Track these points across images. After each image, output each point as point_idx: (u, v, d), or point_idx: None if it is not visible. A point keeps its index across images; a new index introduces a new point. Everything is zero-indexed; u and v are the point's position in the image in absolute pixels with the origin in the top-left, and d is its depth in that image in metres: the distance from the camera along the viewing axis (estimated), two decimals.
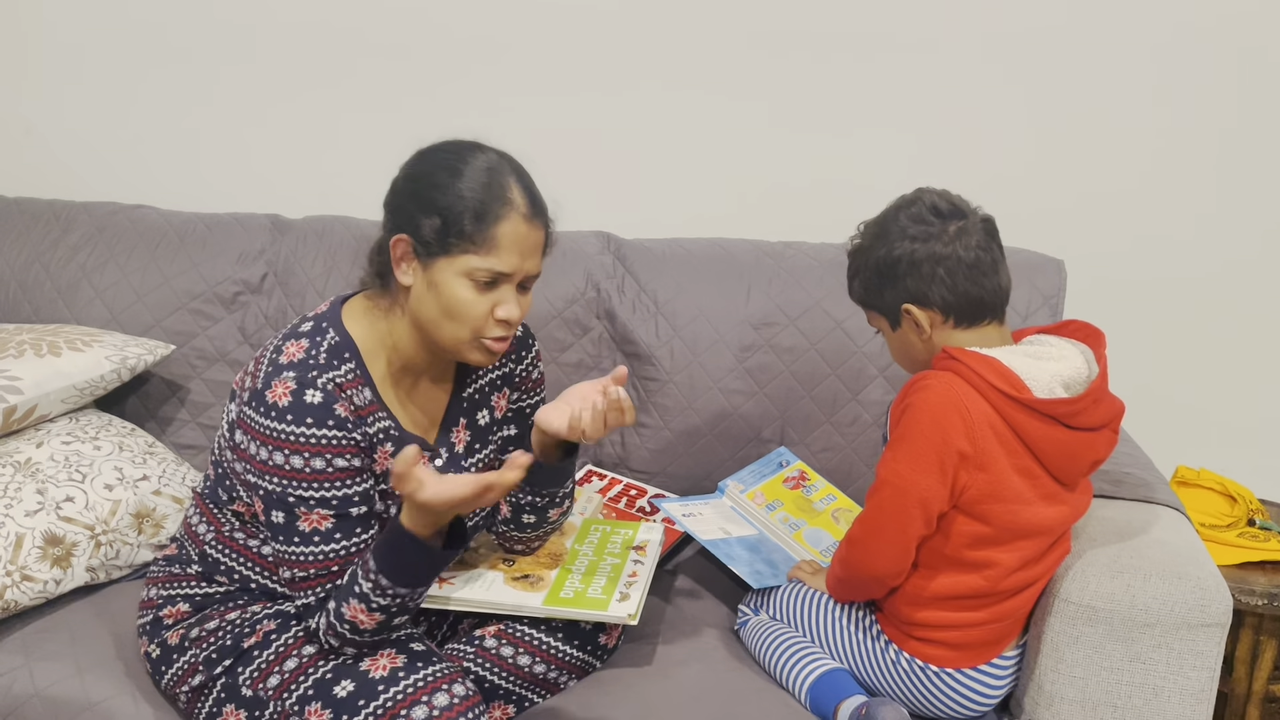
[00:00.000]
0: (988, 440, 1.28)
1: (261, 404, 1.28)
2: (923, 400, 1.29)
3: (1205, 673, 1.33)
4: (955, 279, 1.30)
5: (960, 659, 1.37)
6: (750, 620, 1.56)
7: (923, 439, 1.28)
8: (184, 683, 1.39)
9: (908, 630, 1.39)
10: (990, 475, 1.29)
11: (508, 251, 1.29)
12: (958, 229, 1.31)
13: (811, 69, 2.04)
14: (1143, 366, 2.06)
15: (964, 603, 1.36)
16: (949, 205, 1.33)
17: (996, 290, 1.33)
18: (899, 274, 1.32)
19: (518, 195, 1.30)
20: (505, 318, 1.31)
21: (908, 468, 1.29)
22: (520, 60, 2.14)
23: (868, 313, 1.43)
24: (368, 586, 1.26)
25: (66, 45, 2.31)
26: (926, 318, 1.33)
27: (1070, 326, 1.42)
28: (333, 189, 2.18)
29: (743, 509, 1.72)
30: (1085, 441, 1.31)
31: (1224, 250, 2.01)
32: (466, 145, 1.34)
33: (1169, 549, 1.38)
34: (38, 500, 1.62)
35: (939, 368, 1.32)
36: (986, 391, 1.28)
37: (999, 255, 1.34)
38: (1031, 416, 1.28)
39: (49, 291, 2.05)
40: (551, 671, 1.46)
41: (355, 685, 1.28)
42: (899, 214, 1.35)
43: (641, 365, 1.92)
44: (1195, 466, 2.08)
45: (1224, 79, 1.92)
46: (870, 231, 1.38)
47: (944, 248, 1.30)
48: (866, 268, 1.37)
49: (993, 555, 1.33)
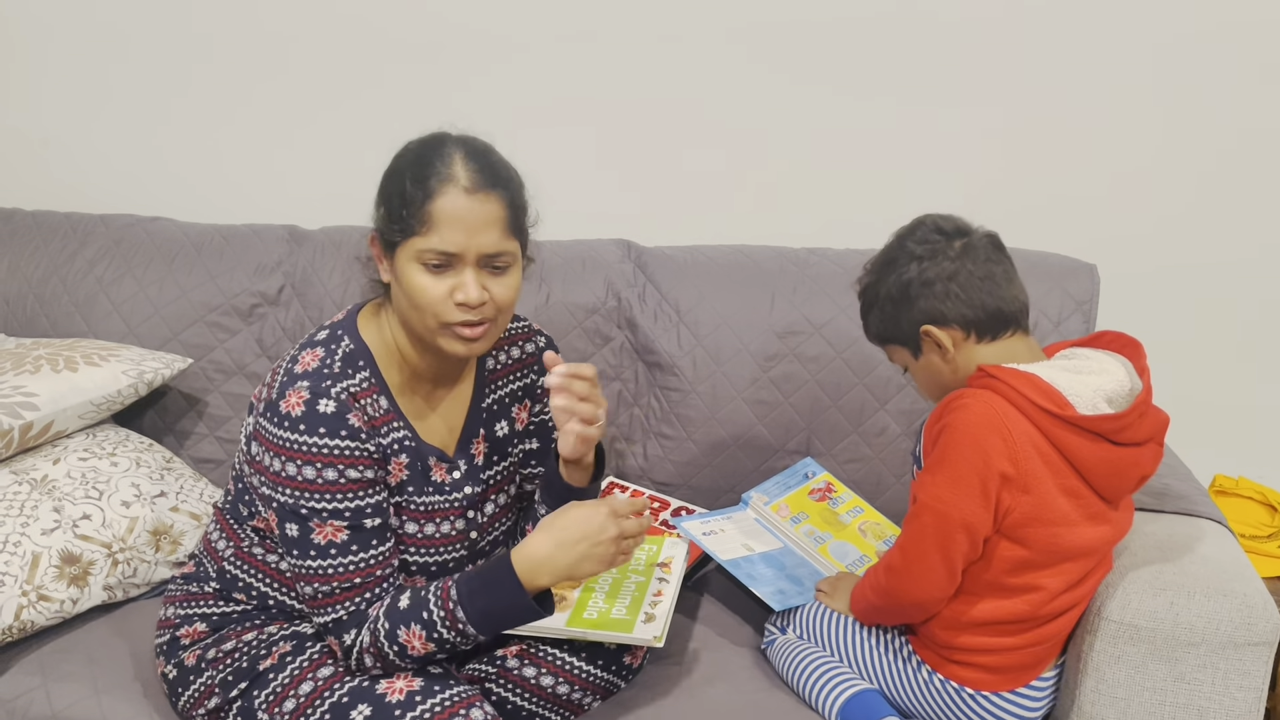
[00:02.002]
0: (1031, 461, 1.23)
1: (275, 414, 1.26)
2: (962, 420, 1.24)
3: (1252, 693, 1.28)
4: (969, 292, 1.28)
5: (999, 682, 1.33)
6: (777, 639, 1.52)
7: (963, 461, 1.23)
8: (200, 705, 1.37)
9: (945, 654, 1.35)
10: (1034, 497, 1.24)
11: (448, 228, 1.24)
12: (963, 245, 1.30)
13: (835, 68, 2.01)
14: (1178, 373, 2.01)
15: (1005, 628, 1.31)
16: (952, 225, 1.33)
17: (1014, 300, 1.30)
18: (912, 296, 1.30)
19: (459, 169, 1.25)
20: (463, 300, 1.26)
21: (949, 491, 1.24)
22: (539, 66, 2.11)
23: (889, 350, 1.40)
24: (439, 615, 1.24)
25: (82, 59, 2.31)
26: (948, 337, 1.30)
27: (1105, 338, 1.37)
28: (350, 199, 2.15)
29: (767, 521, 1.69)
30: (1132, 458, 1.27)
31: (1259, 254, 1.96)
32: (428, 135, 1.31)
33: (1213, 565, 1.33)
34: (54, 518, 1.60)
35: (976, 385, 1.28)
36: (1028, 410, 1.23)
37: (1010, 267, 1.31)
38: (1076, 434, 1.23)
39: (66, 305, 2.04)
40: (575, 692, 1.43)
41: (372, 710, 1.25)
42: (903, 241, 1.34)
43: (664, 375, 1.89)
44: (1234, 475, 2.04)
45: (1262, 74, 1.88)
46: (876, 265, 1.37)
47: (953, 263, 1.29)
48: (879, 299, 1.35)
49: (1035, 579, 1.28)
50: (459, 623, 1.25)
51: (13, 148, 2.40)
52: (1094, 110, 1.94)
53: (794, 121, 2.05)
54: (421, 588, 1.29)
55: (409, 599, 1.27)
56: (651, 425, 1.90)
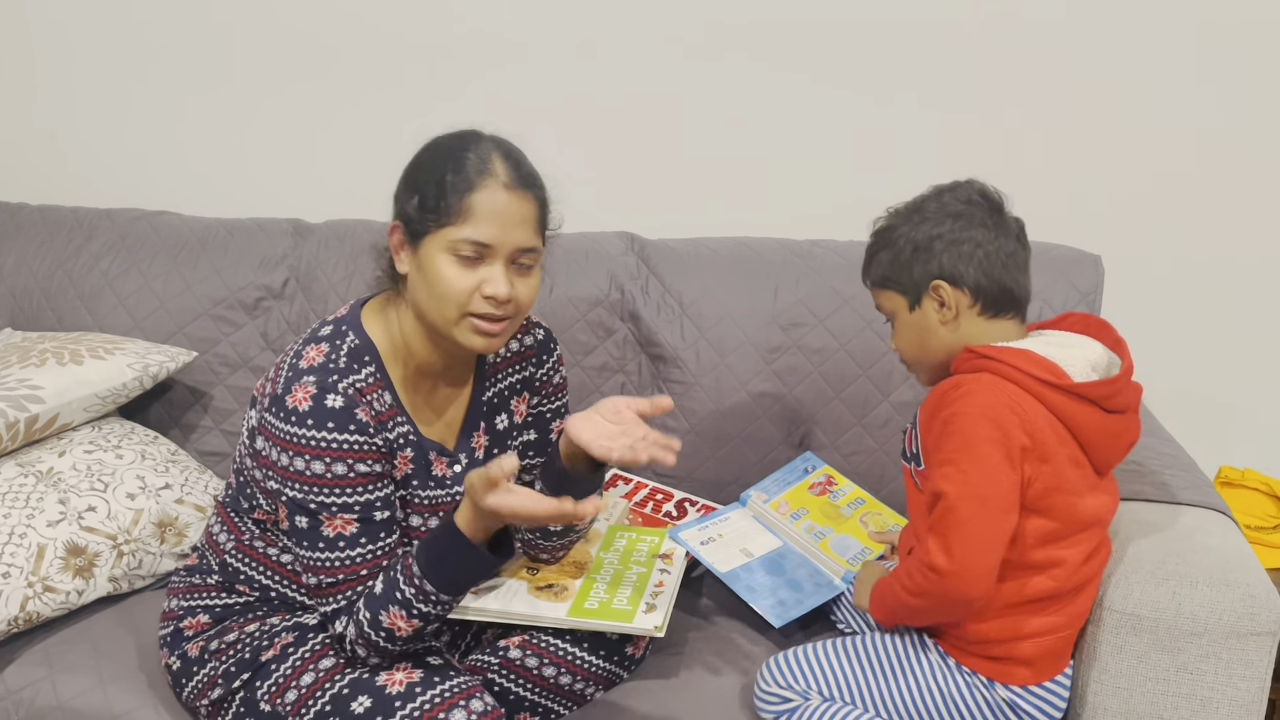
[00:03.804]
0: (1044, 432, 1.23)
1: (282, 409, 1.27)
2: (970, 405, 1.23)
3: (1255, 683, 1.28)
4: (992, 263, 1.28)
5: (1036, 674, 1.32)
6: (799, 708, 1.38)
7: (986, 441, 1.21)
8: (204, 696, 1.37)
9: (980, 650, 1.32)
10: (1052, 466, 1.24)
11: (486, 221, 1.26)
12: (998, 220, 1.31)
13: (840, 63, 2.00)
14: (1184, 365, 2.01)
15: (1035, 606, 1.30)
16: (995, 197, 1.33)
17: (1024, 287, 1.32)
18: (935, 250, 1.29)
19: (498, 165, 1.27)
20: (492, 294, 1.27)
21: (980, 476, 1.21)
22: (542, 61, 2.11)
23: (881, 294, 1.37)
24: (410, 592, 1.25)
25: (90, 54, 2.32)
26: (955, 297, 1.29)
27: (1069, 319, 1.38)
28: (353, 193, 2.16)
29: (766, 520, 1.68)
30: (1123, 424, 1.29)
31: (1266, 245, 1.95)
32: (462, 131, 1.33)
33: (1216, 555, 1.33)
34: (60, 510, 1.61)
35: (969, 369, 1.27)
36: (1027, 383, 1.23)
37: (1028, 257, 1.32)
38: (1075, 402, 1.24)
39: (72, 299, 2.05)
40: (577, 683, 1.43)
41: (372, 701, 1.26)
42: (942, 195, 1.32)
43: (667, 368, 1.89)
44: (1239, 466, 2.03)
45: (1267, 68, 1.87)
46: (904, 211, 1.35)
47: (986, 233, 1.29)
48: (897, 242, 1.32)
49: (1057, 552, 1.28)
50: (430, 594, 1.25)
51: (19, 142, 2.41)
52: (1099, 103, 1.93)
53: (798, 115, 2.04)
54: (388, 567, 1.29)
55: (382, 583, 1.28)
56: (654, 418, 1.89)
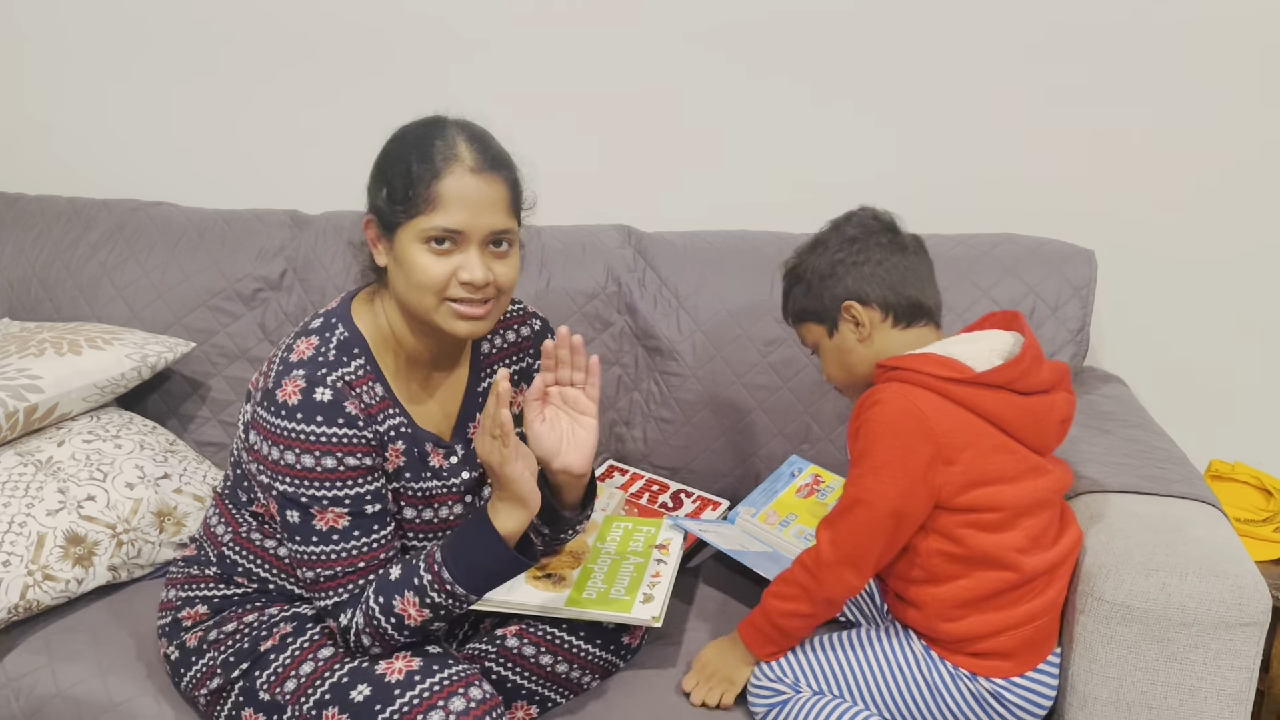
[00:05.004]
0: (951, 433, 1.28)
1: (273, 403, 1.27)
2: (877, 414, 1.30)
3: (1243, 673, 1.29)
4: (894, 278, 1.38)
5: (1016, 666, 1.34)
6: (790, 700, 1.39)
7: (883, 451, 1.29)
8: (203, 685, 1.38)
9: (958, 648, 1.35)
10: (962, 465, 1.29)
11: (455, 207, 1.25)
12: (894, 239, 1.41)
13: (835, 56, 2.01)
14: (1176, 358, 2.02)
15: (997, 601, 1.32)
16: (886, 218, 1.43)
17: (931, 296, 1.40)
18: (840, 275, 1.39)
19: (463, 150, 1.27)
20: (468, 280, 1.27)
21: (873, 481, 1.29)
22: (539, 53, 2.12)
23: (802, 328, 1.47)
24: (428, 579, 1.26)
25: (87, 44, 2.32)
26: (867, 315, 1.38)
27: (990, 319, 1.44)
28: (351, 184, 2.17)
29: (755, 535, 1.70)
30: (1044, 404, 1.33)
31: (1257, 238, 1.96)
32: (426, 119, 1.33)
33: (1205, 546, 1.34)
34: (59, 499, 1.62)
35: (881, 381, 1.34)
36: (933, 384, 1.29)
37: (931, 269, 1.42)
38: (981, 391, 1.30)
39: (70, 289, 2.06)
40: (574, 671, 1.44)
41: (371, 690, 1.26)
42: (838, 225, 1.44)
43: (663, 360, 1.90)
44: (1230, 460, 2.04)
45: (1261, 62, 1.88)
46: (807, 248, 1.46)
47: (883, 251, 1.39)
48: (805, 275, 1.43)
49: (1004, 539, 1.31)
50: (446, 584, 1.26)
51: (17, 132, 2.41)
52: (1092, 98, 1.94)
53: (794, 109, 2.05)
54: (411, 556, 1.30)
55: (400, 569, 1.29)
56: (651, 410, 1.91)
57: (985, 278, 1.82)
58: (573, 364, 1.35)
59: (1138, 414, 1.76)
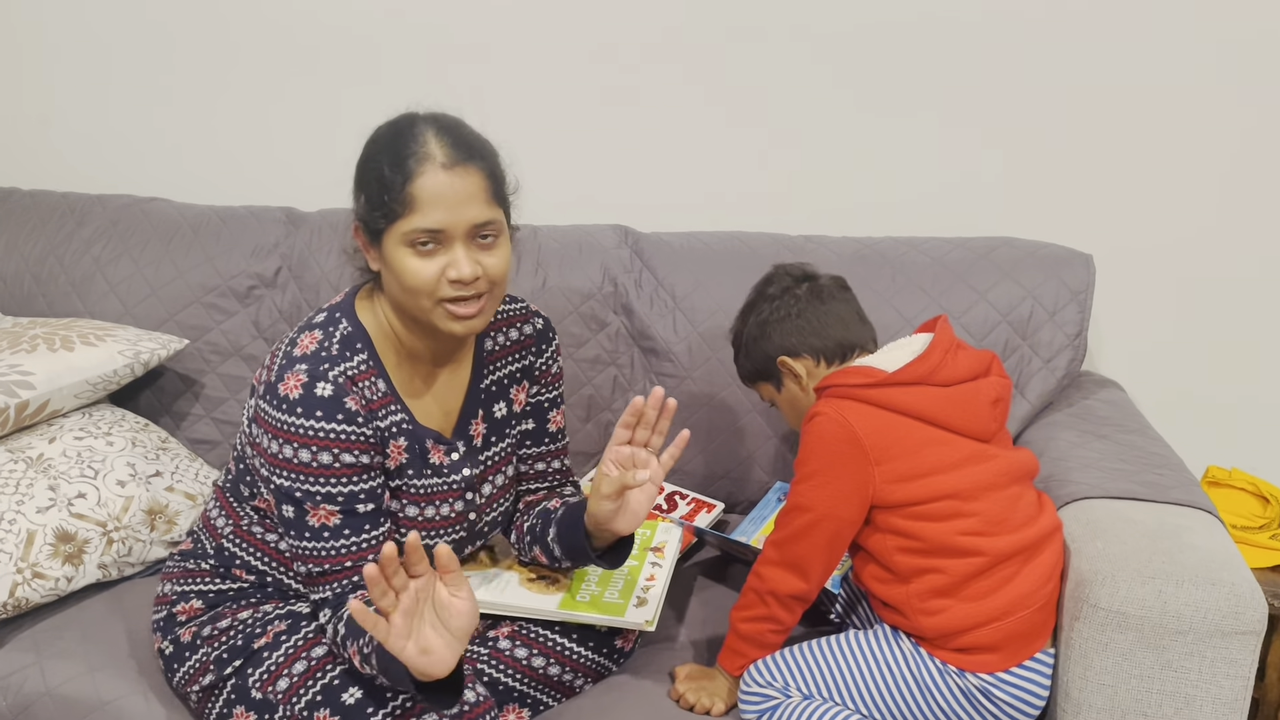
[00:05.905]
0: (873, 434, 1.34)
1: (274, 397, 1.27)
2: (810, 429, 1.38)
3: (1239, 681, 1.29)
4: (815, 325, 1.47)
5: (1004, 659, 1.34)
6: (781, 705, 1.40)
7: (815, 461, 1.37)
8: (195, 681, 1.37)
9: (944, 643, 1.35)
10: (892, 463, 1.34)
11: (432, 206, 1.23)
12: (809, 287, 1.49)
13: (830, 56, 2.00)
14: (1173, 364, 2.01)
15: (971, 589, 1.33)
16: (800, 271, 1.52)
17: (859, 332, 1.48)
18: (769, 334, 1.49)
19: (433, 146, 1.25)
20: (457, 277, 1.25)
21: (808, 488, 1.37)
22: (536, 55, 2.11)
23: (757, 388, 1.56)
24: (358, 660, 1.22)
25: (82, 39, 2.31)
26: (801, 365, 1.47)
27: (920, 329, 1.49)
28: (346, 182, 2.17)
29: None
30: (969, 391, 1.39)
31: (1256, 246, 1.96)
32: (396, 118, 1.31)
33: (1202, 553, 1.33)
34: (49, 496, 1.61)
35: (820, 400, 1.42)
36: (855, 393, 1.38)
37: (855, 305, 1.51)
38: (897, 390, 1.37)
39: (63, 285, 2.05)
40: (566, 674, 1.44)
41: (363, 693, 1.26)
42: (763, 288, 1.53)
43: (659, 361, 1.90)
44: (1227, 466, 2.04)
45: (1264, 70, 1.87)
46: (741, 314, 1.56)
47: (801, 303, 1.48)
48: (741, 340, 1.54)
49: (952, 528, 1.34)
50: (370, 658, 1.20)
51: (11, 127, 2.40)
52: (1092, 102, 1.94)
53: (792, 110, 2.04)
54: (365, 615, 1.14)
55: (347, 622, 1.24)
56: None
57: (983, 281, 1.81)
58: (655, 427, 1.34)
59: (1134, 419, 1.75)
